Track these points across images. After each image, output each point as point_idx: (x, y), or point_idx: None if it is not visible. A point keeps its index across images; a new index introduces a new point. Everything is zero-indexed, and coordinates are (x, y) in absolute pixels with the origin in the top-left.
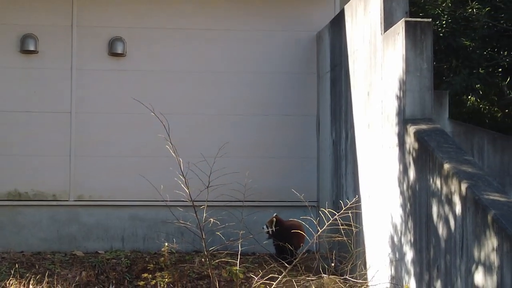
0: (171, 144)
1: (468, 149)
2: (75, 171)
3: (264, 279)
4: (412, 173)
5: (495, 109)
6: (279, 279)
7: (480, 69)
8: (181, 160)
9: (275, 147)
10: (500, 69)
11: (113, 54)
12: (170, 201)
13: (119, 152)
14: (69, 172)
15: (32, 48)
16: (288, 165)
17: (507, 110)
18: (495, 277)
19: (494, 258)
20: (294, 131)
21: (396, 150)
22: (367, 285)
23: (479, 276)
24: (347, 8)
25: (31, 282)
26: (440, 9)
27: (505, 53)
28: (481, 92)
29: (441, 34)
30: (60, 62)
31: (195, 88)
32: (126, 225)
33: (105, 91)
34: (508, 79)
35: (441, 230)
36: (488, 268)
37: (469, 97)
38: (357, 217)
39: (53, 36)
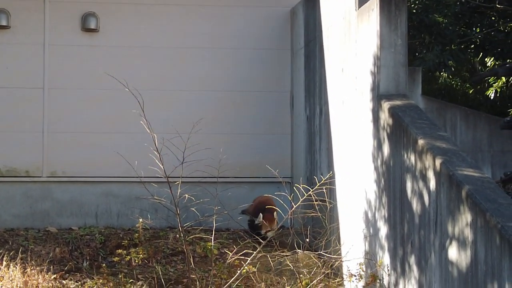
0: (145, 120)
1: (441, 126)
2: (48, 147)
3: (239, 255)
4: (386, 149)
5: (467, 85)
6: (253, 254)
7: (453, 45)
8: (155, 136)
9: (249, 124)
10: (472, 46)
11: (86, 29)
12: (144, 177)
13: (93, 128)
14: (42, 148)
15: (4, 23)
16: (262, 142)
17: (479, 87)
18: (469, 252)
19: (468, 233)
20: (268, 107)
21: (370, 126)
22: (341, 261)
23: (453, 251)
24: None
25: (4, 258)
26: None
27: (477, 29)
28: (453, 69)
29: (414, 10)
30: (32, 38)
31: (168, 64)
32: (100, 202)
33: (78, 67)
34: (480, 56)
35: (415, 205)
36: (462, 243)
37: (442, 73)
38: (331, 193)
39: (26, 11)
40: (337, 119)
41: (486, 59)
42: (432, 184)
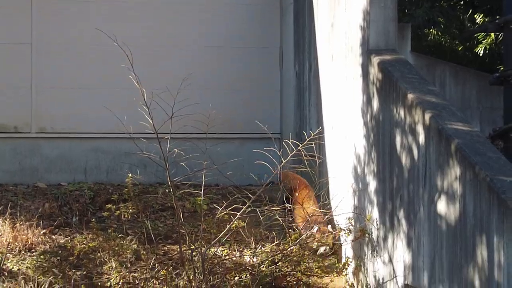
0: (134, 74)
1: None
2: (36, 103)
3: (228, 210)
4: (375, 104)
5: (456, 42)
6: (242, 209)
7: (442, 2)
8: (144, 91)
9: (239, 80)
10: (461, 2)
11: None
12: (133, 133)
13: (82, 83)
14: (31, 104)
15: None
16: (251, 98)
17: (468, 44)
18: (458, 206)
19: (457, 186)
20: (257, 63)
21: (359, 81)
22: (330, 215)
23: (442, 205)
24: None
25: None
26: None
27: None
28: (442, 26)
29: None
30: None
31: (157, 20)
32: (89, 157)
33: (67, 22)
34: (470, 12)
35: (404, 160)
36: (451, 197)
37: (431, 30)
38: (321, 148)
39: None
40: (327, 74)
41: (475, 16)
42: (421, 138)
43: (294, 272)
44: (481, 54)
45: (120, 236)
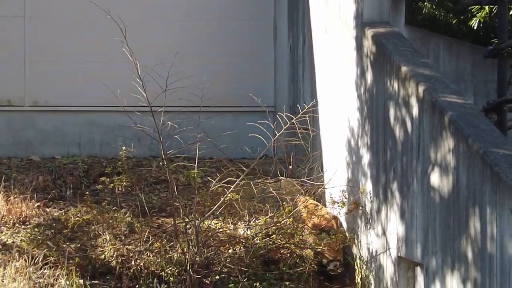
0: (128, 47)
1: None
2: (30, 76)
3: (222, 182)
4: (369, 77)
5: (451, 16)
6: (236, 182)
7: None
8: (138, 64)
9: (232, 53)
10: None
11: None
12: (127, 106)
13: (75, 57)
14: (24, 77)
15: None
16: (245, 71)
17: (462, 17)
18: (451, 178)
19: (450, 159)
20: (251, 37)
21: (353, 54)
22: (324, 188)
23: (435, 177)
24: None
25: None
26: None
27: None
28: None
29: None
30: None
31: None
32: (83, 131)
33: None
34: None
35: (398, 132)
36: (444, 169)
37: (425, 3)
38: (314, 121)
39: None
40: (321, 48)
41: None
42: (415, 111)
43: (288, 245)
44: (475, 28)
45: (114, 209)
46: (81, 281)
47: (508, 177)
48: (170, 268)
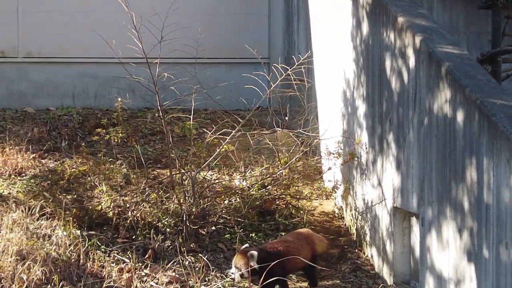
0: None
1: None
2: (23, 28)
3: (217, 134)
4: (365, 28)
5: None
6: (232, 133)
7: None
8: (133, 14)
9: (227, 4)
10: None
11: None
12: (122, 57)
13: (69, 7)
14: (17, 28)
15: None
16: (239, 22)
17: None
18: (447, 128)
19: (447, 109)
20: None
21: (349, 4)
22: (319, 139)
23: (431, 128)
24: None
25: None
26: None
27: None
28: None
29: None
30: None
31: None
32: (77, 82)
33: None
34: None
35: (394, 83)
36: (440, 120)
37: None
38: (310, 72)
39: None
40: None
41: None
42: (412, 61)
43: (284, 196)
44: None
45: (110, 160)
46: (78, 231)
47: (506, 127)
48: (166, 219)
